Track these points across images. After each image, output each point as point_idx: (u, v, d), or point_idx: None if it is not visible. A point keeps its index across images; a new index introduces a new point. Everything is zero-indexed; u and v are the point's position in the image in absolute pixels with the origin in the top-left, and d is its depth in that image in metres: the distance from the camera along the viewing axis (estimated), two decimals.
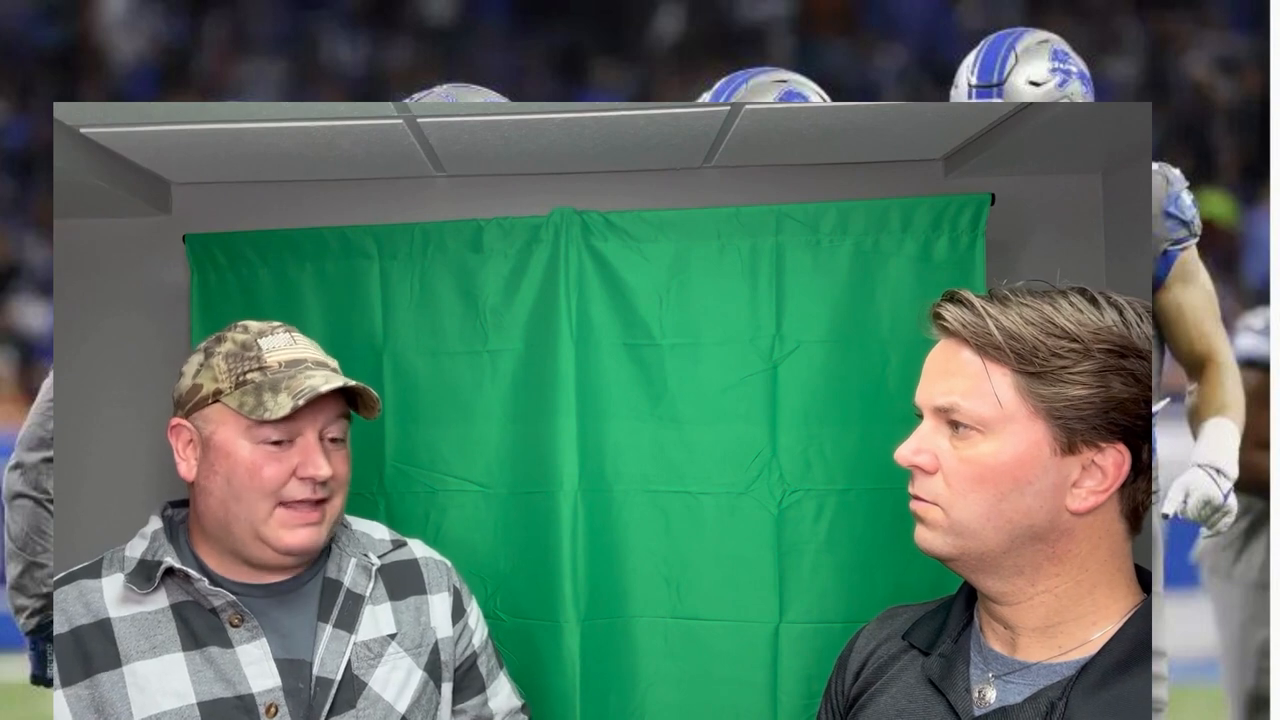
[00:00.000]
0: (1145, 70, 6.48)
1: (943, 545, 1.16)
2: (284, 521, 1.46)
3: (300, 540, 1.47)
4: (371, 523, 1.71)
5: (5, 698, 4.27)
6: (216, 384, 1.47)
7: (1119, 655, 1.10)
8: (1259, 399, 2.69)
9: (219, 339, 1.53)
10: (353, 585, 1.55)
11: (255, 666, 1.44)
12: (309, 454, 1.47)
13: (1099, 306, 1.12)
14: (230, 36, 6.53)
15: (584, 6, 6.48)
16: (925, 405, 1.19)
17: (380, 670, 1.51)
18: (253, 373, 1.47)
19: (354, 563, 1.57)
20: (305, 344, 1.56)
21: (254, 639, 1.45)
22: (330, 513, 1.51)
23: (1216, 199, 6.04)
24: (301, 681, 1.46)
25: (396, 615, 1.57)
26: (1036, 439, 1.11)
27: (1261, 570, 2.98)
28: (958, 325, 1.15)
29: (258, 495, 1.45)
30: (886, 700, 1.24)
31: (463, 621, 1.66)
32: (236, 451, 1.45)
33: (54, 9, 6.50)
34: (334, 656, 1.48)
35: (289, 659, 1.46)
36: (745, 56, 5.42)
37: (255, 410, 1.44)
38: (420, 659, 1.57)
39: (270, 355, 1.49)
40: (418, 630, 1.58)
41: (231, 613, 1.45)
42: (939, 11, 6.44)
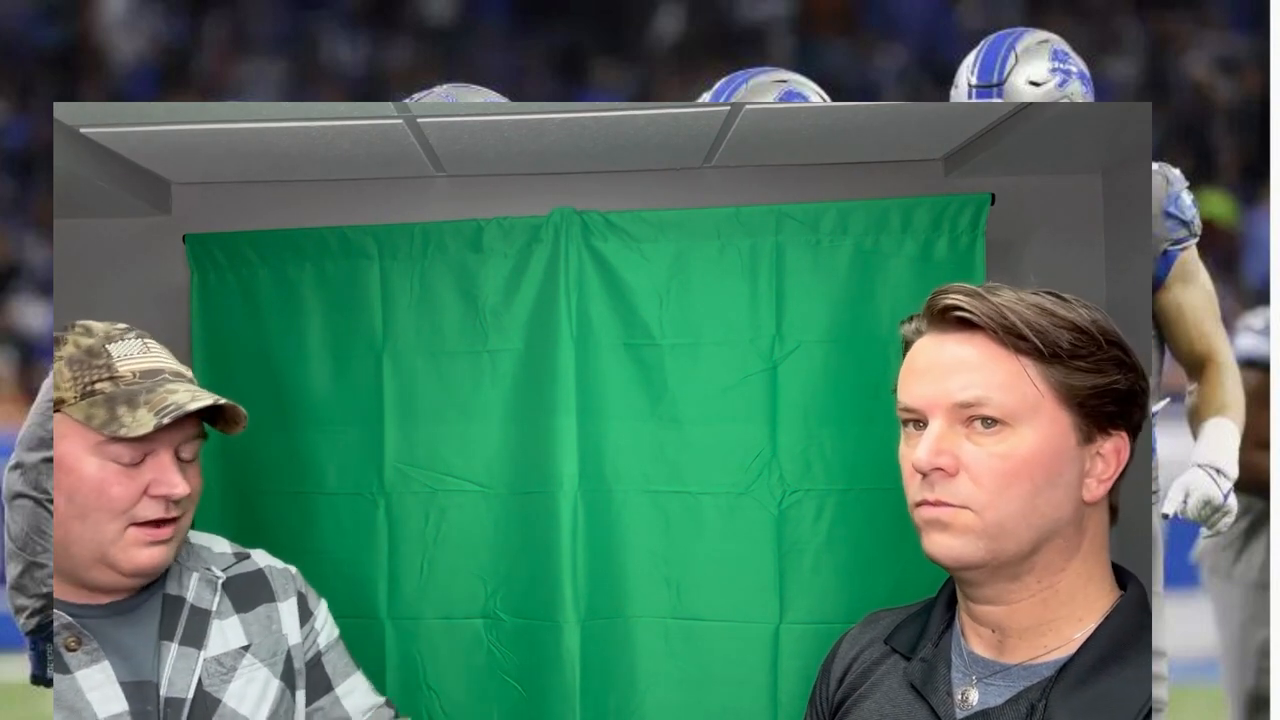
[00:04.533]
0: (1145, 70, 6.49)
1: (974, 551, 1.11)
2: (135, 540, 1.34)
3: (149, 559, 1.36)
4: (211, 536, 1.60)
5: (5, 698, 4.27)
6: (59, 392, 1.33)
7: (1098, 654, 1.10)
8: (1259, 399, 2.69)
9: (57, 341, 1.38)
10: (197, 600, 1.46)
11: (98, 691, 1.34)
12: (164, 472, 1.35)
13: (1070, 304, 1.13)
14: (230, 36, 6.54)
15: (584, 6, 6.48)
16: (934, 404, 1.13)
17: (235, 685, 1.43)
18: (102, 382, 1.33)
19: (196, 577, 1.47)
20: (159, 351, 1.42)
21: (95, 662, 1.35)
22: (180, 531, 1.40)
23: (1216, 199, 6.04)
24: (149, 704, 1.36)
25: (246, 627, 1.49)
26: (1063, 428, 1.10)
27: (1261, 570, 2.98)
28: (983, 316, 1.10)
29: (105, 515, 1.33)
30: (870, 706, 1.23)
31: (309, 624, 1.58)
32: (81, 468, 1.32)
33: (54, 9, 6.50)
34: (183, 675, 1.39)
35: (134, 681, 1.37)
36: (745, 56, 5.41)
37: (108, 425, 1.31)
38: (276, 669, 1.49)
39: (122, 364, 1.35)
40: (270, 639, 1.50)
41: (68, 635, 1.34)
42: (939, 11, 6.45)
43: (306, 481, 2.40)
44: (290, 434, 2.40)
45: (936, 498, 1.12)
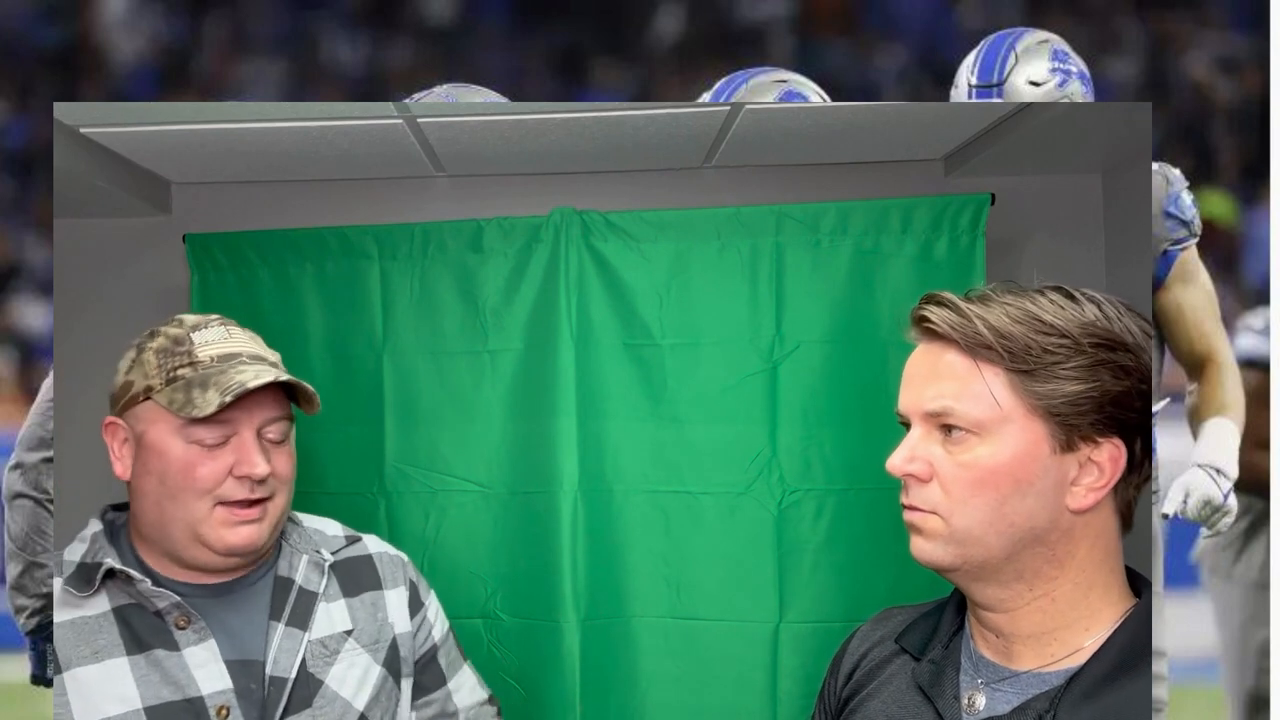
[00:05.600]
0: (1145, 70, 6.49)
1: (943, 555, 1.13)
2: (223, 520, 1.40)
3: (241, 539, 1.41)
4: (324, 519, 1.65)
5: (5, 698, 4.27)
6: (147, 380, 1.41)
7: (1108, 665, 1.08)
8: (1259, 399, 2.69)
9: (152, 334, 1.46)
10: (305, 582, 1.50)
11: (204, 669, 1.39)
12: (245, 452, 1.40)
13: (1078, 302, 1.11)
14: (230, 36, 6.54)
15: (584, 6, 6.49)
16: (913, 412, 1.15)
17: (337, 668, 1.47)
18: (183, 368, 1.40)
19: (306, 559, 1.52)
20: (242, 337, 1.47)
21: (201, 640, 1.40)
22: (273, 511, 1.45)
23: (1216, 199, 6.04)
24: (254, 682, 1.41)
25: (352, 612, 1.53)
26: (1035, 438, 1.09)
27: (1261, 570, 2.98)
28: (946, 327, 1.12)
29: (193, 495, 1.39)
30: (876, 705, 1.23)
31: (421, 614, 1.62)
32: (169, 451, 1.40)
33: (54, 9, 6.50)
34: (287, 655, 1.44)
35: (240, 660, 1.42)
36: (745, 56, 5.41)
37: (184, 408, 1.38)
38: (378, 655, 1.53)
39: (202, 350, 1.42)
40: (374, 626, 1.54)
41: (177, 614, 1.40)
42: (939, 11, 6.45)
43: (306, 481, 2.36)
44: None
45: (910, 502, 1.15)
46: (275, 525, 1.47)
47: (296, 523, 1.58)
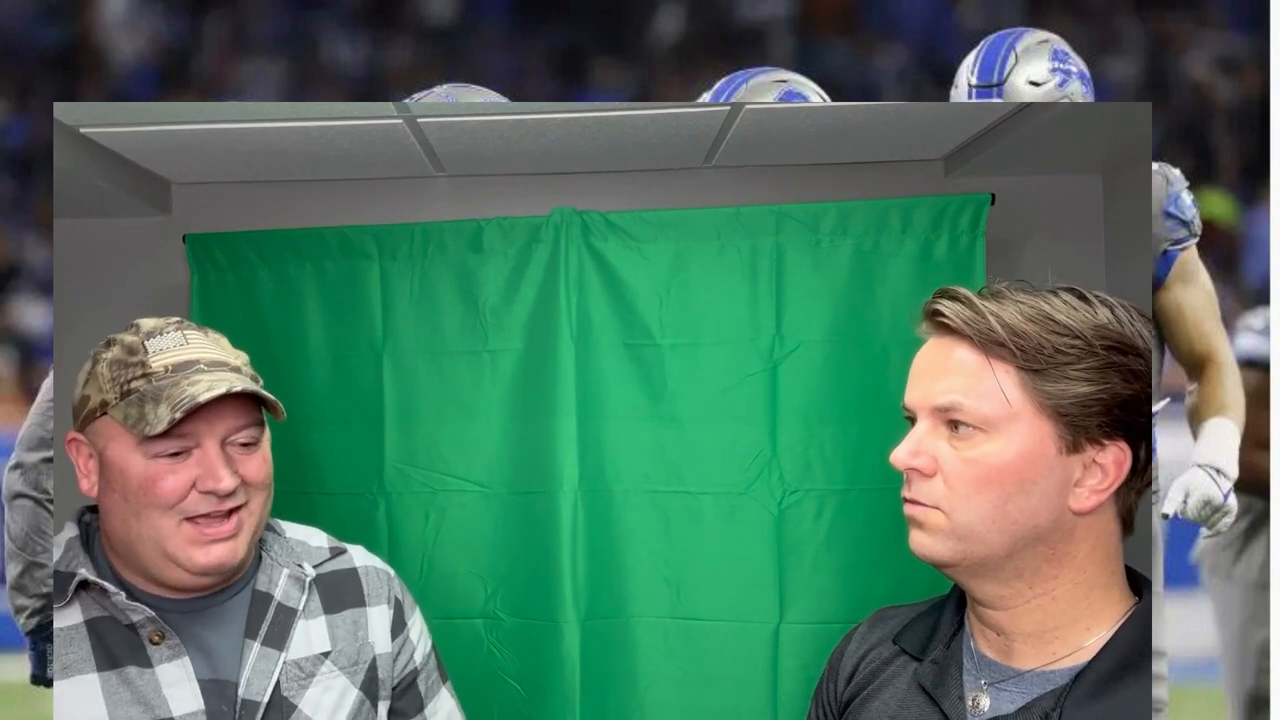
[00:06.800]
0: (1145, 70, 6.48)
1: (943, 550, 1.13)
2: (192, 539, 1.33)
3: (215, 558, 1.34)
4: (309, 529, 1.57)
5: (5, 698, 4.27)
6: (102, 395, 1.33)
7: (1112, 663, 1.09)
8: (1259, 399, 2.69)
9: (109, 342, 1.37)
10: (284, 599, 1.43)
11: (176, 688, 1.33)
12: (208, 465, 1.32)
13: (1091, 304, 1.11)
14: (230, 36, 6.53)
15: (584, 6, 6.48)
16: (921, 406, 1.15)
17: (312, 691, 1.41)
18: (137, 380, 1.32)
19: (286, 574, 1.45)
20: (201, 342, 1.38)
21: (175, 658, 1.34)
22: (247, 522, 1.37)
23: (1216, 199, 6.04)
24: (225, 704, 1.35)
25: (331, 630, 1.46)
26: (1042, 437, 1.09)
27: (1261, 570, 2.98)
28: (960, 322, 1.11)
29: (157, 511, 1.32)
30: (879, 706, 1.22)
31: (403, 635, 1.54)
32: (130, 467, 1.32)
33: (54, 9, 6.50)
34: (261, 677, 1.38)
35: (213, 679, 1.36)
36: (745, 56, 5.41)
37: (138, 424, 1.30)
38: (356, 678, 1.46)
39: (156, 359, 1.33)
40: (354, 646, 1.47)
41: (151, 629, 1.34)
42: (939, 11, 6.44)
43: (306, 481, 2.40)
44: (290, 434, 2.39)
45: (913, 496, 1.15)
46: (252, 536, 1.40)
47: (279, 533, 1.51)
